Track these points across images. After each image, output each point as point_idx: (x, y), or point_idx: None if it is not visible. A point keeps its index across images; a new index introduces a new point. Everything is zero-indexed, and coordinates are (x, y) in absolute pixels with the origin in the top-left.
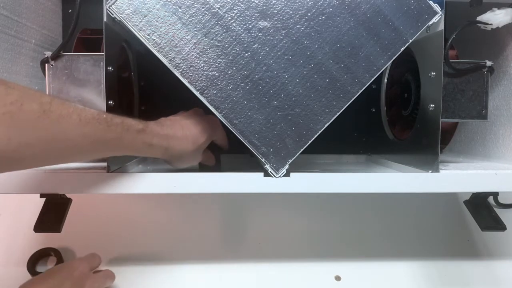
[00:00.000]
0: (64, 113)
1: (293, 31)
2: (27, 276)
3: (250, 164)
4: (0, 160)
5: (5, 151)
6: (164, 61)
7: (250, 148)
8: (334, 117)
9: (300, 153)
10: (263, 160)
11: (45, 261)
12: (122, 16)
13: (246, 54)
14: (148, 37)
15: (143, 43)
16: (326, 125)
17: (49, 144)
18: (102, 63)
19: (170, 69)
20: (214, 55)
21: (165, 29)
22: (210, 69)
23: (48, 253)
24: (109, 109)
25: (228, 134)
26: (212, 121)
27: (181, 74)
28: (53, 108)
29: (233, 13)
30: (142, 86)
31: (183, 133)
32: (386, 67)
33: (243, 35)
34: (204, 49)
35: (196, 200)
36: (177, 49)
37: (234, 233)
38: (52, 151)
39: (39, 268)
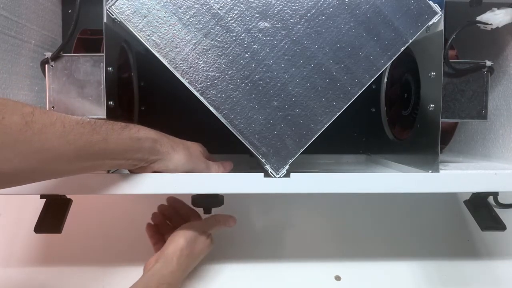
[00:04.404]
0: (47, 122)
1: (293, 32)
2: (27, 276)
3: (250, 164)
4: None
5: None
6: (164, 61)
7: (250, 149)
8: (334, 118)
9: (300, 153)
10: (263, 160)
11: None
12: (122, 16)
13: (246, 55)
14: (148, 37)
15: (143, 43)
16: (326, 126)
17: (32, 157)
18: (102, 63)
19: (170, 69)
20: (214, 56)
21: (165, 29)
22: (210, 70)
23: None
24: (109, 109)
25: (228, 134)
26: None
27: (181, 75)
28: (36, 118)
29: (233, 13)
30: (142, 86)
31: (167, 136)
32: (386, 67)
33: (243, 35)
34: (204, 50)
35: None
36: (177, 49)
37: (233, 233)
38: (36, 164)
39: None
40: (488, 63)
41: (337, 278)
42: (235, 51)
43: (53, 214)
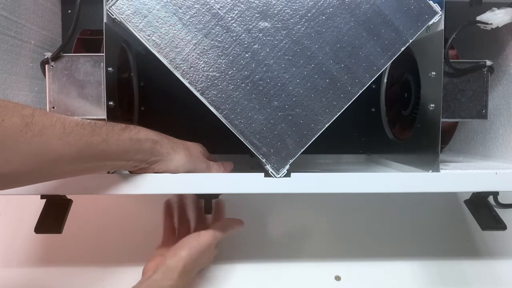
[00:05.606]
0: (47, 124)
1: (294, 32)
2: (28, 276)
3: (250, 164)
4: None
5: None
6: (165, 61)
7: (251, 149)
8: (335, 117)
9: (300, 153)
10: (263, 160)
11: None
12: (122, 17)
13: (247, 55)
14: (149, 38)
15: (143, 43)
16: (327, 125)
17: (32, 158)
18: (102, 64)
19: (171, 69)
20: (215, 56)
21: (165, 29)
22: (210, 70)
23: None
24: (109, 109)
25: (228, 134)
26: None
27: (181, 75)
28: (36, 120)
29: (234, 13)
30: (142, 87)
31: (167, 137)
32: (386, 67)
33: (243, 35)
34: (204, 50)
35: None
36: (178, 49)
37: (233, 233)
38: (36, 165)
39: None
40: (488, 62)
41: (337, 278)
42: (235, 51)
43: (54, 215)
